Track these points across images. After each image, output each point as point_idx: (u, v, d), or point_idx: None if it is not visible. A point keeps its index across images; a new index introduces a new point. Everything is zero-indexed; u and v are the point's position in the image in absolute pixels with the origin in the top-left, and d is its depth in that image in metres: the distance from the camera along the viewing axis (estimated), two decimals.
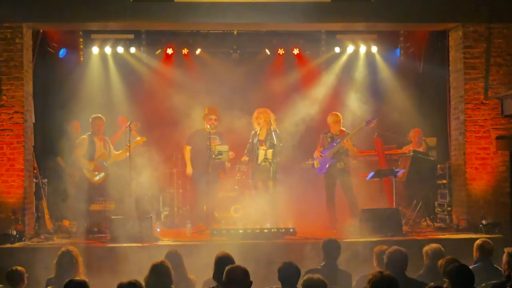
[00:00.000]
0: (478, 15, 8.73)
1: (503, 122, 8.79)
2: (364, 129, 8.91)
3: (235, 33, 10.72)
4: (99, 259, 7.11)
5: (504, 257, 5.29)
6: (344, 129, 8.97)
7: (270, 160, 8.58)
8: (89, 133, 8.90)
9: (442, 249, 5.78)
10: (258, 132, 8.90)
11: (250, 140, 9.03)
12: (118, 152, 8.98)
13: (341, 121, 8.98)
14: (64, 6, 8.39)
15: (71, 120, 9.94)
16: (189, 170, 9.38)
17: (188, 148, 9.42)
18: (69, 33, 10.51)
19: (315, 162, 9.06)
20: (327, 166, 8.84)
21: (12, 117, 8.32)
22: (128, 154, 8.60)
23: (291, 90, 11.08)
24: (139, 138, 9.00)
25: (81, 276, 5.28)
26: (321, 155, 8.94)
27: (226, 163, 9.67)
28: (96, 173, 8.75)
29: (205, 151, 8.85)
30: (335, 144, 8.81)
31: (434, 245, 5.82)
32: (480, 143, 8.78)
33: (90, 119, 8.93)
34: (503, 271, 5.32)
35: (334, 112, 9.11)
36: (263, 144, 8.76)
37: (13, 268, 5.48)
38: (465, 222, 8.63)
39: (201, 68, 11.16)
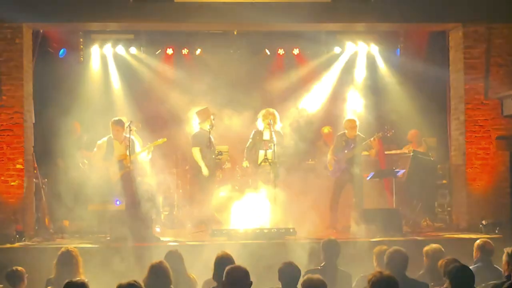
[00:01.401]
0: (478, 15, 8.73)
1: (503, 122, 8.79)
2: (380, 137, 8.93)
3: (235, 33, 10.72)
4: (99, 259, 7.09)
5: (504, 257, 5.29)
6: (359, 133, 8.97)
7: (270, 160, 8.58)
8: (110, 136, 8.81)
9: (442, 249, 5.78)
10: (262, 132, 8.89)
11: (251, 139, 9.01)
12: (136, 152, 8.89)
13: (357, 126, 8.96)
14: (64, 6, 8.40)
15: (71, 120, 9.93)
16: (205, 171, 8.97)
17: (197, 149, 9.10)
18: (69, 33, 10.51)
19: (328, 164, 9.08)
20: (340, 170, 8.86)
21: (12, 117, 8.32)
22: (129, 157, 8.57)
23: (291, 90, 11.08)
24: (160, 139, 8.95)
25: (81, 276, 5.28)
26: (335, 158, 8.94)
27: (226, 163, 9.67)
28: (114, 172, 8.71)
29: (208, 151, 8.88)
30: (348, 149, 8.81)
31: (434, 245, 5.82)
32: (480, 143, 8.78)
33: (111, 122, 8.80)
34: (503, 271, 5.32)
35: (351, 118, 9.10)
36: (268, 145, 8.74)
37: (13, 268, 5.48)
38: (465, 222, 8.63)
39: (201, 68, 11.16)
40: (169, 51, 11.09)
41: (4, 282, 5.48)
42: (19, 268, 5.49)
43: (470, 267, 4.54)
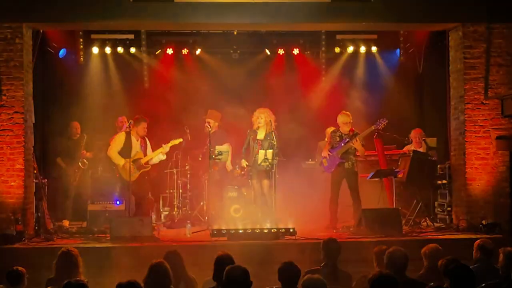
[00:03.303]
0: (478, 15, 8.74)
1: (503, 122, 8.79)
2: (373, 131, 8.91)
3: (235, 33, 10.72)
4: (99, 259, 7.09)
5: (500, 257, 5.30)
6: (353, 128, 8.97)
7: (270, 161, 8.57)
8: (128, 130, 8.78)
9: (439, 247, 5.77)
10: (257, 131, 8.89)
11: (247, 139, 9.01)
12: (152, 154, 8.88)
13: (351, 121, 8.96)
14: (64, 6, 8.39)
15: (71, 120, 9.94)
16: None
17: None
18: (69, 33, 10.52)
19: (323, 160, 9.07)
20: (335, 165, 8.86)
21: (12, 117, 8.32)
22: (130, 158, 8.55)
23: (291, 90, 11.08)
24: (176, 140, 8.97)
25: (81, 276, 5.28)
26: (329, 154, 8.95)
27: (226, 163, 9.67)
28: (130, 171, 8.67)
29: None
30: (343, 144, 8.82)
31: (431, 245, 5.81)
32: (480, 143, 8.77)
33: (137, 120, 8.81)
34: (500, 272, 5.32)
35: (345, 112, 9.04)
36: (261, 144, 8.75)
37: (14, 268, 5.47)
38: (465, 222, 8.62)
39: (201, 68, 11.16)
40: (169, 51, 11.09)
41: (4, 282, 5.48)
42: (19, 268, 5.49)
43: (470, 267, 4.53)
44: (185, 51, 11.11)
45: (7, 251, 7.47)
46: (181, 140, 9.07)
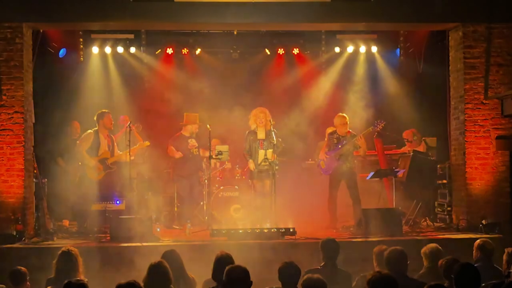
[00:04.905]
0: (478, 15, 8.74)
1: (503, 122, 8.79)
2: (371, 132, 8.92)
3: (235, 33, 10.73)
4: (99, 259, 7.10)
5: (504, 257, 5.30)
6: (350, 130, 8.97)
7: (270, 160, 8.57)
8: (96, 129, 8.82)
9: (439, 247, 5.77)
10: (256, 131, 8.87)
11: (245, 141, 8.99)
12: (120, 153, 8.93)
13: (348, 123, 8.96)
14: (64, 6, 8.39)
15: (71, 120, 9.94)
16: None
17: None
18: (69, 33, 10.52)
19: (320, 162, 9.08)
20: (333, 167, 8.86)
21: (12, 117, 8.32)
22: (129, 156, 8.57)
23: (291, 90, 11.10)
24: (143, 142, 9.01)
25: (81, 276, 5.28)
26: (326, 156, 8.95)
27: (226, 163, 9.67)
28: (97, 170, 8.70)
29: (186, 155, 9.18)
30: (340, 146, 8.82)
31: (431, 245, 5.81)
32: (480, 143, 8.77)
33: (99, 114, 8.80)
34: (503, 271, 5.32)
35: (341, 114, 9.07)
36: (263, 144, 8.74)
37: (17, 268, 5.48)
38: (465, 222, 8.62)
39: (201, 68, 11.17)
40: (169, 51, 11.10)
41: (7, 282, 5.49)
42: (23, 268, 5.49)
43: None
44: (185, 51, 11.12)
45: (7, 251, 7.48)
46: (148, 143, 9.10)
